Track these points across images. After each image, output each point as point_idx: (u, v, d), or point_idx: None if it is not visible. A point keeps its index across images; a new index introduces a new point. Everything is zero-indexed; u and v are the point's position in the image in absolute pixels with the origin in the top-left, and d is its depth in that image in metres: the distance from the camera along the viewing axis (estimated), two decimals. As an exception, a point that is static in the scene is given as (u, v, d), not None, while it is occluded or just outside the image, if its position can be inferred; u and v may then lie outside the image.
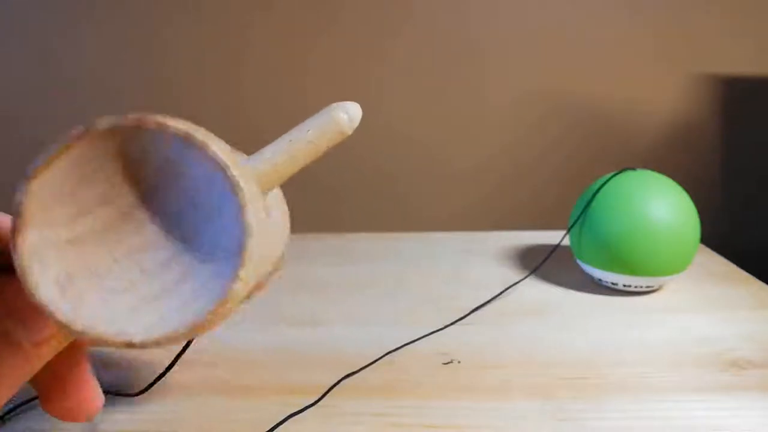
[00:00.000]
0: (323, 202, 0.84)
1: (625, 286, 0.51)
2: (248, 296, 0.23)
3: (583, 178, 0.83)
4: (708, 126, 0.82)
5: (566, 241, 0.67)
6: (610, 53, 0.80)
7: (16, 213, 0.16)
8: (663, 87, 0.81)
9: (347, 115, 0.23)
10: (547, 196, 0.84)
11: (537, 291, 0.53)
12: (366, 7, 0.79)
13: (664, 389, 0.38)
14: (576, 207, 0.54)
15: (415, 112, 0.82)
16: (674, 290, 0.53)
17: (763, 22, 0.79)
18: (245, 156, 0.23)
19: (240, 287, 0.17)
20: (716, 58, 0.80)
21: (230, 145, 0.84)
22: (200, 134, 0.17)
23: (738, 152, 0.83)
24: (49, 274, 0.16)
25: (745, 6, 0.79)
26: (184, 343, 0.36)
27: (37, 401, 0.37)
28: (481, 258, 0.61)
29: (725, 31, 0.79)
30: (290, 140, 0.22)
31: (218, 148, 0.17)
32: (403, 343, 0.44)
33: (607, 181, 0.51)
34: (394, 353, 0.42)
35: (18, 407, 0.36)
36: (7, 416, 0.35)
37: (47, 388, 0.21)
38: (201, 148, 0.17)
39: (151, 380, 0.39)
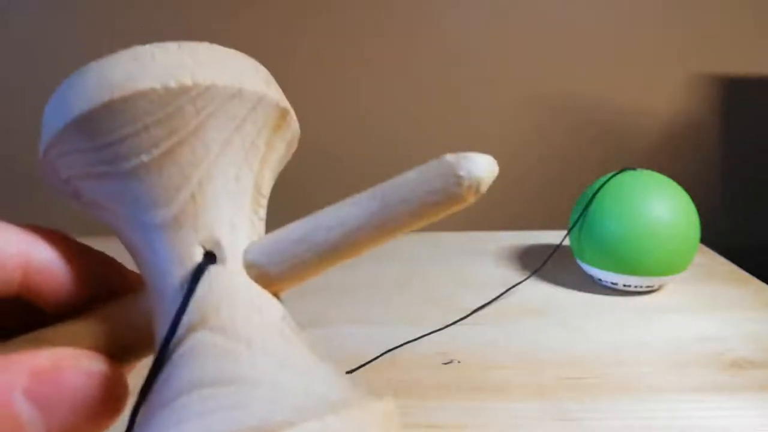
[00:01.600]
0: (323, 202, 0.84)
1: (625, 286, 0.51)
2: None
3: (584, 179, 0.83)
4: (708, 126, 0.82)
5: (567, 241, 0.67)
6: (610, 54, 0.80)
7: None
8: (663, 87, 0.81)
9: (470, 176, 0.14)
10: (547, 197, 0.84)
11: (537, 291, 0.53)
12: (365, 6, 0.79)
13: (664, 389, 0.38)
14: (576, 207, 0.54)
15: (416, 112, 0.82)
16: (674, 290, 0.53)
17: (763, 21, 0.79)
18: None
19: None
20: (716, 59, 0.80)
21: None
22: None
23: (738, 152, 0.83)
24: None
25: (745, 6, 0.79)
26: None
27: None
28: (482, 258, 0.61)
29: (725, 31, 0.79)
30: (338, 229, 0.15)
31: None
32: (403, 343, 0.43)
33: (607, 181, 0.51)
34: (394, 353, 0.42)
35: None
36: None
37: None
38: None
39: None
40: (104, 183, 0.16)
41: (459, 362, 0.41)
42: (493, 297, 0.51)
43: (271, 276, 0.15)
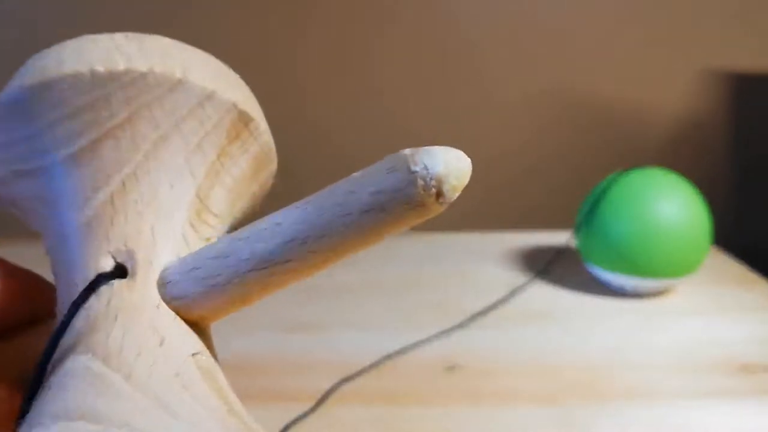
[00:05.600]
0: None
1: (634, 288, 0.50)
2: None
3: (590, 177, 0.82)
4: (719, 123, 0.81)
5: (572, 242, 0.66)
6: (618, 50, 0.79)
7: None
8: (673, 83, 0.80)
9: (427, 173, 0.11)
10: (552, 196, 0.83)
11: (542, 294, 0.52)
12: (367, 3, 0.78)
13: (674, 394, 0.37)
14: (583, 207, 0.53)
15: (418, 110, 0.81)
16: (684, 293, 0.52)
17: (773, 17, 0.78)
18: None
19: None
20: (727, 54, 0.79)
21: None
22: None
23: (749, 150, 0.81)
24: None
25: (756, 1, 0.77)
26: None
27: None
28: (485, 260, 0.60)
29: (736, 25, 0.78)
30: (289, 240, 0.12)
31: None
32: (403, 347, 0.42)
33: (616, 180, 0.50)
34: (395, 358, 0.41)
35: None
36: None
37: None
38: None
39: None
40: (23, 181, 0.14)
41: (462, 368, 0.40)
42: (496, 300, 0.50)
43: (189, 301, 0.13)
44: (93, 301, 0.12)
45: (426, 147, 0.11)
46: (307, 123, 0.81)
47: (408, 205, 0.11)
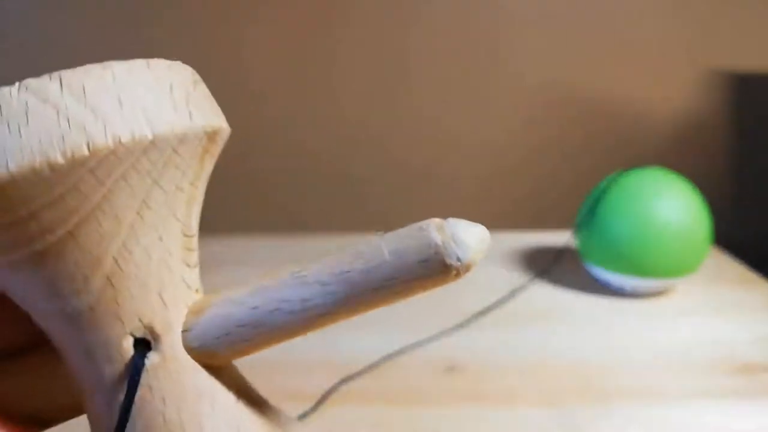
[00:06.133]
0: (319, 202, 0.83)
1: (633, 288, 0.49)
2: None
3: (590, 177, 0.82)
4: (721, 123, 0.81)
5: (572, 242, 0.65)
6: (620, 49, 0.79)
7: None
8: (673, 83, 0.80)
9: (460, 264, 0.12)
10: (552, 196, 0.83)
11: (542, 294, 0.52)
12: None
13: (675, 394, 0.37)
14: (583, 207, 0.52)
15: (414, 107, 0.81)
16: (684, 293, 0.51)
17: (773, 17, 0.77)
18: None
19: None
20: (729, 54, 0.79)
21: (239, 148, 0.83)
22: None
23: (750, 150, 0.81)
24: None
25: (757, 0, 0.77)
26: None
27: None
28: (485, 260, 0.60)
29: (736, 25, 0.78)
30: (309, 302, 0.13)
31: None
32: (403, 347, 0.42)
33: (616, 180, 0.50)
34: (395, 358, 0.41)
35: None
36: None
37: None
38: None
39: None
40: (5, 269, 0.13)
41: (461, 368, 0.40)
42: (496, 300, 0.50)
43: (216, 356, 0.13)
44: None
45: (453, 231, 0.12)
46: (300, 134, 0.81)
47: (439, 285, 0.12)
